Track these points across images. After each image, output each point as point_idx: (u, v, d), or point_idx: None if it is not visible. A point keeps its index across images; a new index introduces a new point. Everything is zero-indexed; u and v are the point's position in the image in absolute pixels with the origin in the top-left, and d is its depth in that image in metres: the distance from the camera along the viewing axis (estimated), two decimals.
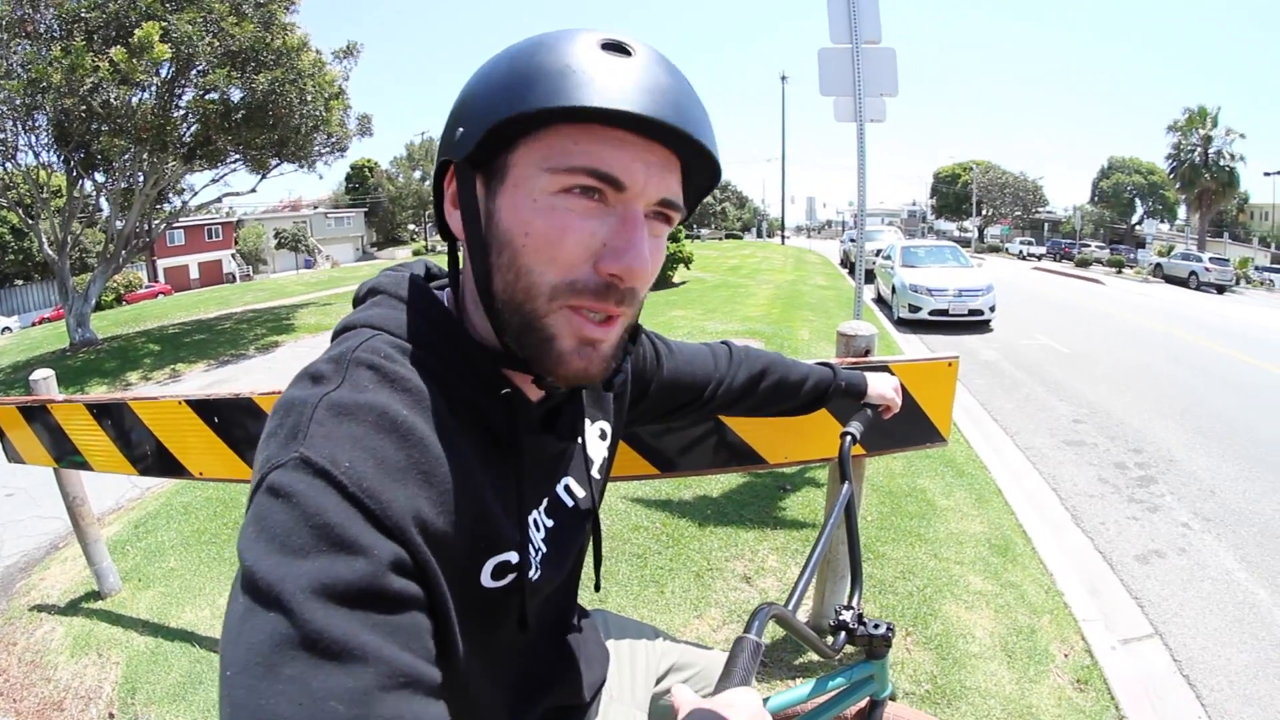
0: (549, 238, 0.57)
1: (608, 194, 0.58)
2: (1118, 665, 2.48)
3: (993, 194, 53.97)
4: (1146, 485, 4.47)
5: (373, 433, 0.53)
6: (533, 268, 0.59)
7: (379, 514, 0.50)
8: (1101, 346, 9.65)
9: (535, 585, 0.71)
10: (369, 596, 0.46)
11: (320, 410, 0.54)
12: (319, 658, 0.42)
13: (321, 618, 0.43)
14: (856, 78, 3.93)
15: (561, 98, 0.54)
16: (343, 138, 13.12)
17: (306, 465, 0.50)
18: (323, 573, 0.45)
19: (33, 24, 9.55)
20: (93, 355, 11.54)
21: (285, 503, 0.48)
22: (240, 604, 0.46)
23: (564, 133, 0.56)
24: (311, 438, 0.52)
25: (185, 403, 2.36)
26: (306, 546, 0.46)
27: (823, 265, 23.69)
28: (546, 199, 0.57)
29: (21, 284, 34.25)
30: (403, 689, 0.44)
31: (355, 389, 0.56)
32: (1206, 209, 37.26)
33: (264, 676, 0.42)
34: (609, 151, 0.57)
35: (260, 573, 0.45)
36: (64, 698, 2.59)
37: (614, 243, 0.58)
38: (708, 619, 2.72)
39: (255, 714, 0.41)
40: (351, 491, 0.49)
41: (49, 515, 4.42)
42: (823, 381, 1.27)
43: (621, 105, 0.54)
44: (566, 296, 0.59)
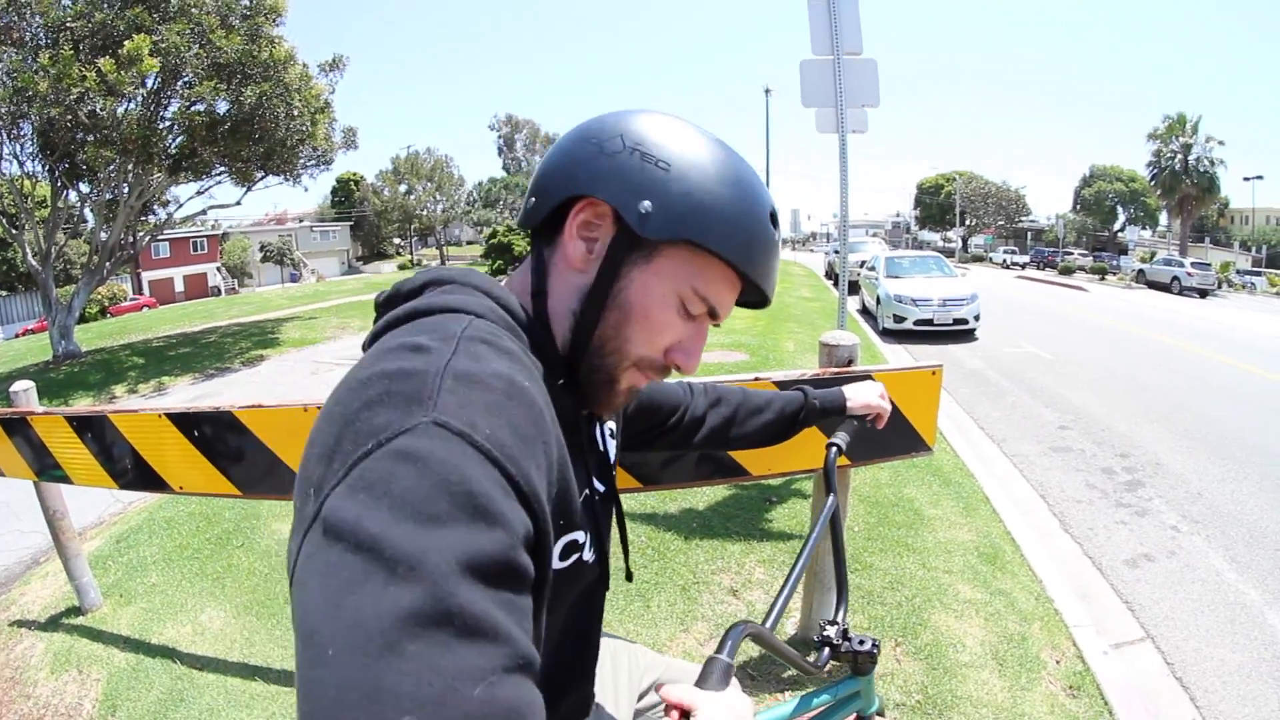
0: (655, 326, 0.70)
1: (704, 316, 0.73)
2: (1110, 670, 2.48)
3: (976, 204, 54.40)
4: (1134, 489, 4.49)
5: (505, 400, 0.53)
6: (633, 339, 0.70)
7: (520, 482, 0.49)
8: (1086, 352, 9.72)
9: (587, 569, 0.76)
10: (506, 573, 0.44)
11: (447, 379, 0.51)
12: (453, 635, 0.40)
13: (464, 594, 0.41)
14: (838, 89, 3.95)
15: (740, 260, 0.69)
16: (328, 151, 13.08)
17: (443, 429, 0.47)
18: (467, 544, 0.43)
19: (19, 31, 9.49)
20: (76, 368, 11.41)
21: (419, 467, 0.45)
22: (346, 573, 0.42)
23: (717, 267, 0.70)
24: (443, 404, 0.49)
25: (165, 416, 2.33)
26: (445, 515, 0.43)
27: (808, 277, 23.75)
28: (673, 299, 0.70)
29: (5, 295, 33.89)
30: (521, 671, 0.42)
31: (475, 359, 0.55)
32: (1188, 215, 37.76)
33: (383, 654, 0.38)
34: (727, 296, 0.73)
35: (388, 539, 0.42)
36: (44, 715, 2.55)
37: (686, 346, 0.73)
38: (694, 633, 2.70)
39: (373, 695, 0.37)
40: (495, 457, 0.48)
41: (30, 529, 4.35)
42: (791, 404, 1.24)
43: (764, 285, 0.74)
44: (641, 367, 0.72)
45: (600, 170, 0.67)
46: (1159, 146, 37.57)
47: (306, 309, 20.35)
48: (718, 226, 0.67)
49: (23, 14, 9.45)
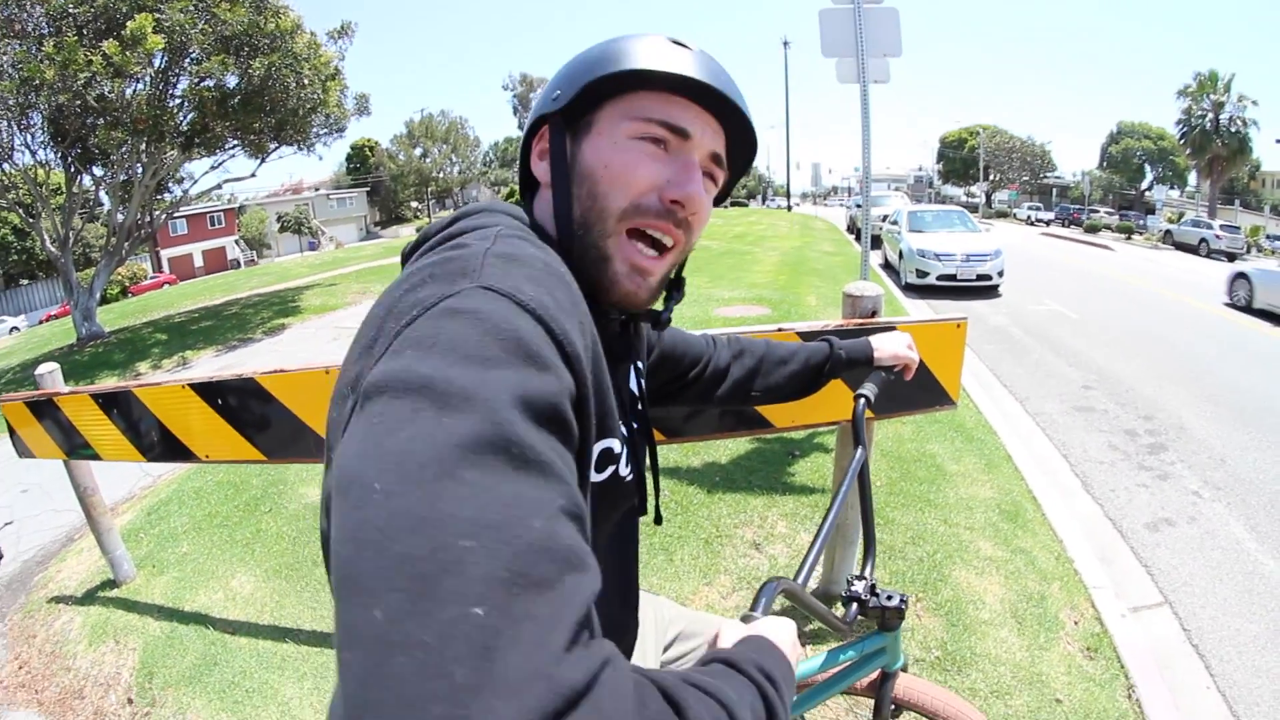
0: (623, 170, 0.70)
1: (671, 143, 0.71)
2: (1127, 633, 2.48)
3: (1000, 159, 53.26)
4: (1157, 453, 4.44)
5: (544, 275, 0.56)
6: (608, 194, 0.70)
7: (563, 340, 0.50)
8: (1111, 312, 9.56)
9: (625, 488, 0.76)
10: (556, 417, 0.44)
11: (490, 257, 0.54)
12: (513, 464, 0.39)
13: (521, 425, 0.40)
14: (859, 38, 3.87)
15: (644, 63, 0.69)
16: (341, 118, 13.01)
17: (490, 290, 0.49)
18: (522, 382, 0.42)
19: (21, 23, 9.47)
20: (101, 348, 11.57)
21: (469, 319, 0.45)
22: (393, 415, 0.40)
23: (646, 96, 0.71)
24: (487, 273, 0.51)
25: (189, 387, 2.36)
26: (498, 358, 0.43)
27: (829, 231, 23.48)
28: (625, 141, 0.70)
29: (27, 283, 34.38)
30: (575, 520, 0.41)
31: (514, 246, 0.59)
32: (1217, 176, 36.74)
33: (439, 479, 0.36)
34: (677, 110, 0.71)
35: (443, 379, 0.41)
36: (84, 685, 2.63)
37: (676, 178, 0.70)
38: (717, 586, 2.72)
39: (425, 520, 0.35)
40: (541, 315, 0.49)
41: (63, 508, 4.45)
42: (816, 355, 1.23)
43: (689, 73, 0.69)
44: (632, 217, 0.70)
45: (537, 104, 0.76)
46: (1189, 104, 36.45)
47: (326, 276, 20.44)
48: (609, 58, 0.70)
49: (23, 5, 9.42)
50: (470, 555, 0.34)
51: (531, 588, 0.35)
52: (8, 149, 10.58)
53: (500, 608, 0.34)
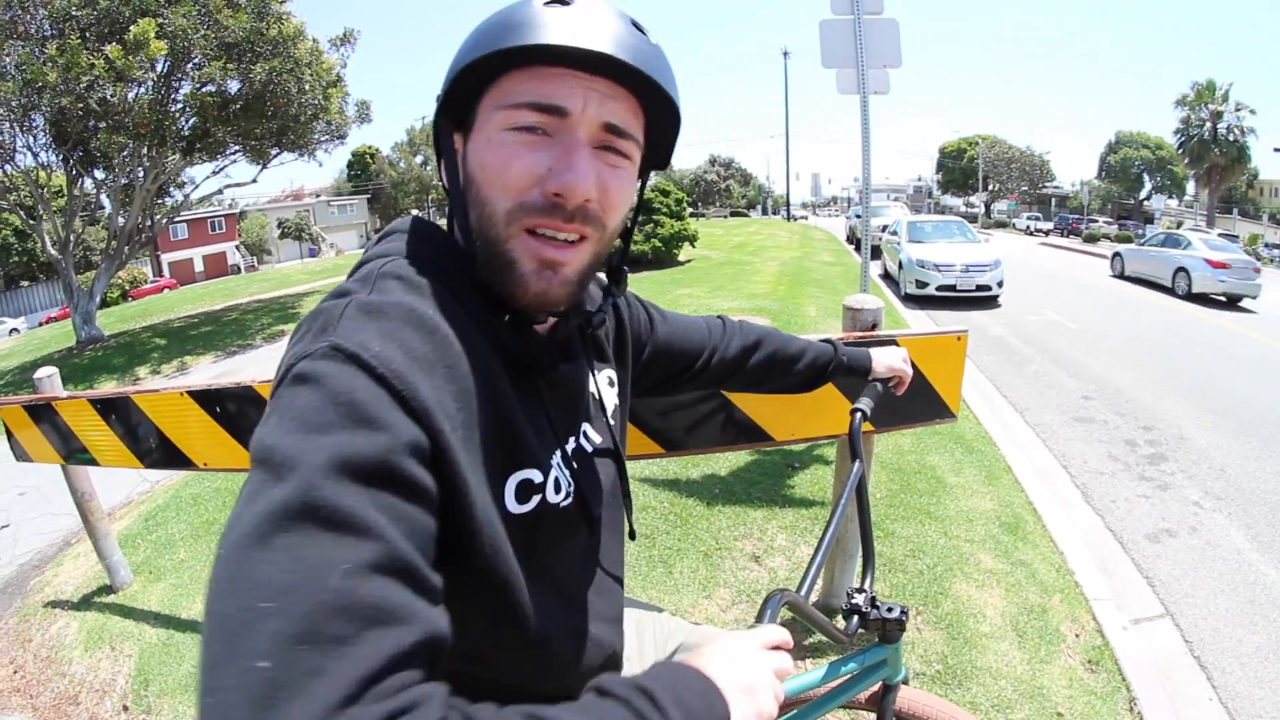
0: (498, 168, 0.64)
1: (551, 126, 0.63)
2: (1129, 646, 2.46)
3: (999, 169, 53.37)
4: (1157, 463, 4.43)
5: (402, 326, 0.55)
6: (490, 197, 0.65)
7: (406, 395, 0.50)
8: (1110, 322, 9.58)
9: (562, 514, 0.71)
10: (384, 475, 0.46)
11: (350, 309, 0.56)
12: (318, 527, 0.41)
13: (331, 487, 0.43)
14: (859, 49, 3.88)
15: (502, 42, 0.61)
16: (342, 125, 13.08)
17: (337, 351, 0.51)
18: (342, 445, 0.45)
19: (24, 25, 9.52)
20: (100, 352, 11.59)
21: (312, 385, 0.49)
22: (247, 490, 0.45)
23: (514, 77, 0.63)
24: (342, 329, 0.53)
25: (187, 394, 2.36)
26: (329, 423, 0.46)
27: (829, 241, 23.53)
28: (498, 135, 0.64)
29: (27, 285, 34.40)
30: (397, 575, 0.43)
31: (383, 294, 0.59)
32: (1216, 185, 36.85)
33: (252, 546, 0.41)
34: (549, 86, 0.63)
35: (277, 449, 0.45)
36: (79, 691, 2.62)
37: (556, 166, 0.63)
38: (717, 599, 2.71)
39: (238, 583, 0.40)
40: (380, 373, 0.50)
41: (60, 512, 4.44)
42: (822, 356, 1.24)
43: (560, 41, 0.60)
44: (520, 217, 0.64)
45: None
46: (1187, 113, 36.60)
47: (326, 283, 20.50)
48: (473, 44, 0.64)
49: (27, 7, 9.47)
50: (267, 615, 0.38)
51: (322, 644, 0.38)
52: (10, 151, 10.64)
53: (286, 663, 0.37)
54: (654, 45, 0.66)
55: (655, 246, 15.55)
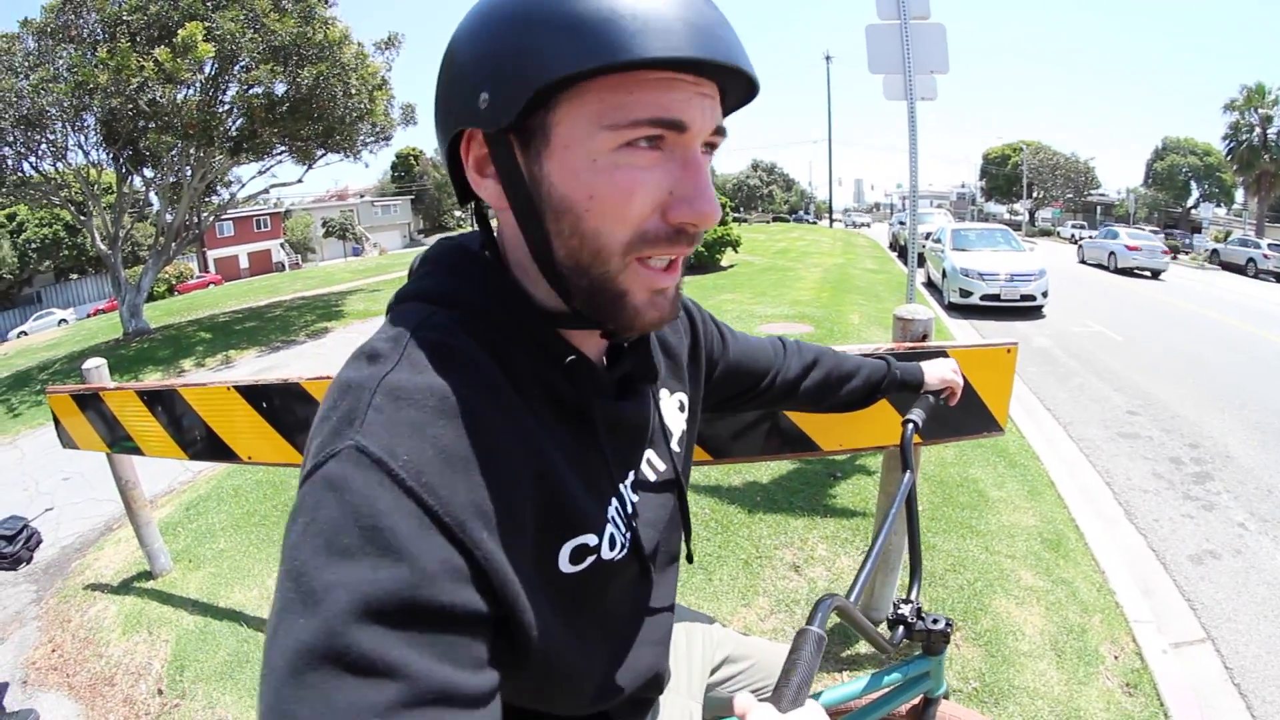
0: (616, 198, 0.55)
1: (667, 138, 0.55)
2: (1168, 670, 2.39)
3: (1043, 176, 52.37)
4: (1202, 482, 4.30)
5: (434, 418, 0.51)
6: (601, 230, 0.56)
7: (439, 510, 0.47)
8: (1156, 335, 9.32)
9: (616, 566, 0.68)
10: (410, 609, 0.44)
11: (379, 395, 0.51)
12: (344, 670, 0.42)
13: (354, 632, 0.42)
14: (906, 54, 3.83)
15: (615, 52, 0.50)
16: (387, 127, 13.26)
17: (363, 455, 0.48)
18: (365, 581, 0.44)
19: (76, 29, 9.86)
20: (146, 344, 11.90)
21: (337, 496, 0.47)
22: (280, 599, 0.46)
23: (613, 84, 0.52)
24: (369, 425, 0.49)
25: (234, 389, 2.40)
26: (353, 548, 0.45)
27: (871, 249, 23.33)
28: (608, 158, 0.54)
29: (76, 278, 35.56)
30: (431, 704, 0.43)
31: (414, 369, 0.53)
32: (1266, 192, 35.67)
33: (289, 681, 0.42)
34: (667, 97, 0.53)
35: (304, 573, 0.45)
36: (115, 673, 2.68)
37: (681, 190, 0.56)
38: (756, 608, 2.69)
39: (278, 714, 0.42)
40: (409, 485, 0.47)
41: (104, 498, 4.57)
42: (876, 374, 1.22)
43: (681, 52, 0.51)
44: (639, 249, 0.57)
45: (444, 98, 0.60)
46: (1236, 118, 35.50)
47: (369, 281, 20.85)
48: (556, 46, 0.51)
49: (79, 12, 9.80)
50: None
51: None
52: (62, 149, 10.99)
53: None
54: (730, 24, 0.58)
55: (698, 251, 15.53)
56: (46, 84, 9.44)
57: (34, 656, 2.91)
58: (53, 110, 9.80)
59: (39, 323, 28.52)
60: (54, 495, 5.02)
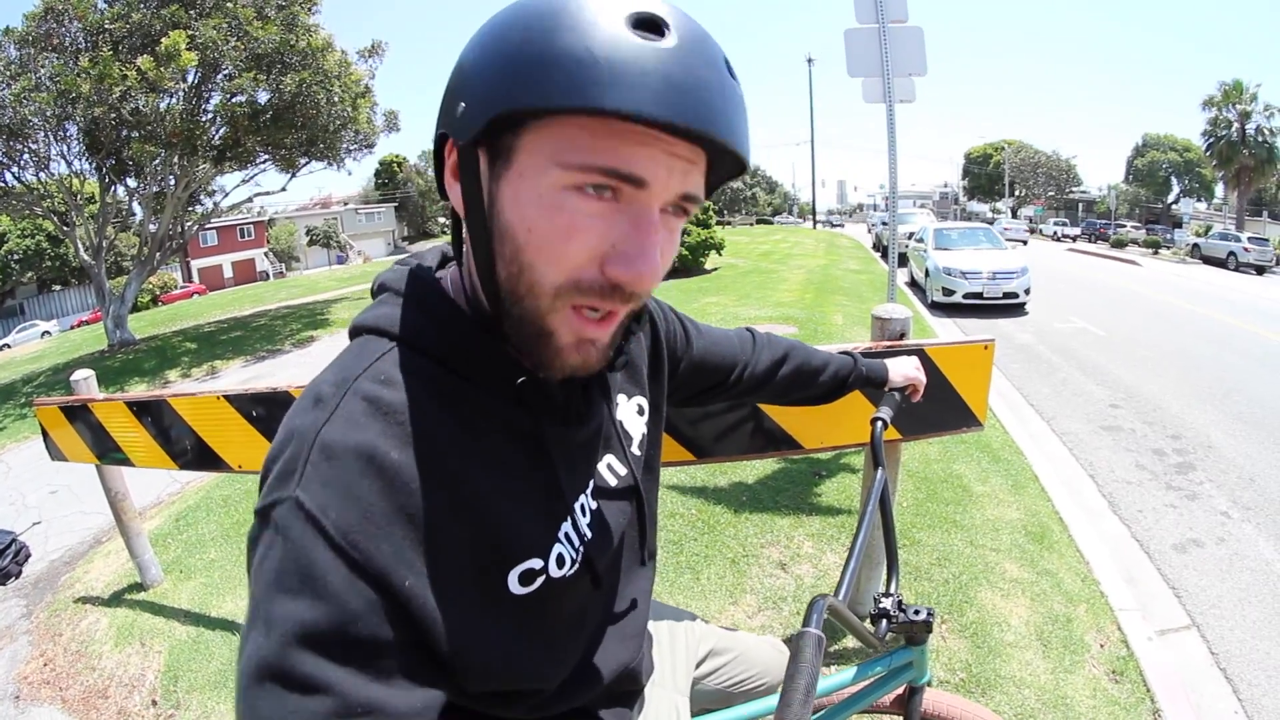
0: (552, 238, 0.54)
1: (623, 191, 0.53)
2: (1154, 657, 2.43)
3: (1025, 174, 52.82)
4: (1185, 472, 4.36)
5: (359, 479, 0.54)
6: (535, 265, 0.55)
7: (362, 563, 0.52)
8: (1138, 329, 9.44)
9: (567, 582, 0.68)
10: (341, 640, 0.50)
11: (314, 451, 0.55)
12: (289, 687, 0.49)
13: (295, 656, 0.49)
14: (884, 58, 3.86)
15: (582, 97, 0.48)
16: (370, 134, 13.24)
17: (300, 510, 0.52)
18: (303, 616, 0.50)
19: (58, 38, 9.78)
20: (131, 355, 11.81)
21: (284, 542, 0.52)
22: (249, 614, 0.53)
23: (581, 124, 0.51)
24: (306, 480, 0.54)
25: (224, 398, 2.40)
26: (295, 588, 0.51)
27: (854, 249, 23.44)
28: (554, 195, 0.53)
29: (59, 289, 35.19)
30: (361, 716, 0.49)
31: (348, 424, 0.56)
32: (1245, 187, 36.09)
33: (251, 686, 0.49)
34: (629, 149, 0.52)
35: (257, 601, 0.52)
36: (108, 685, 2.67)
37: (624, 246, 0.54)
38: (743, 605, 2.72)
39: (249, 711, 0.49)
40: (337, 542, 0.51)
41: (92, 510, 4.55)
42: (843, 369, 1.25)
43: (653, 112, 0.49)
44: (570, 296, 0.56)
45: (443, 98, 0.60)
46: (1215, 114, 35.88)
47: (354, 290, 20.77)
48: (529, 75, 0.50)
49: (61, 20, 9.72)
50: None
51: None
52: (44, 159, 10.89)
53: None
54: (738, 94, 0.56)
55: (681, 255, 15.60)
56: (28, 93, 9.34)
57: (25, 671, 2.89)
58: (35, 120, 9.70)
59: (22, 335, 28.17)
60: (41, 509, 4.98)
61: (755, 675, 1.12)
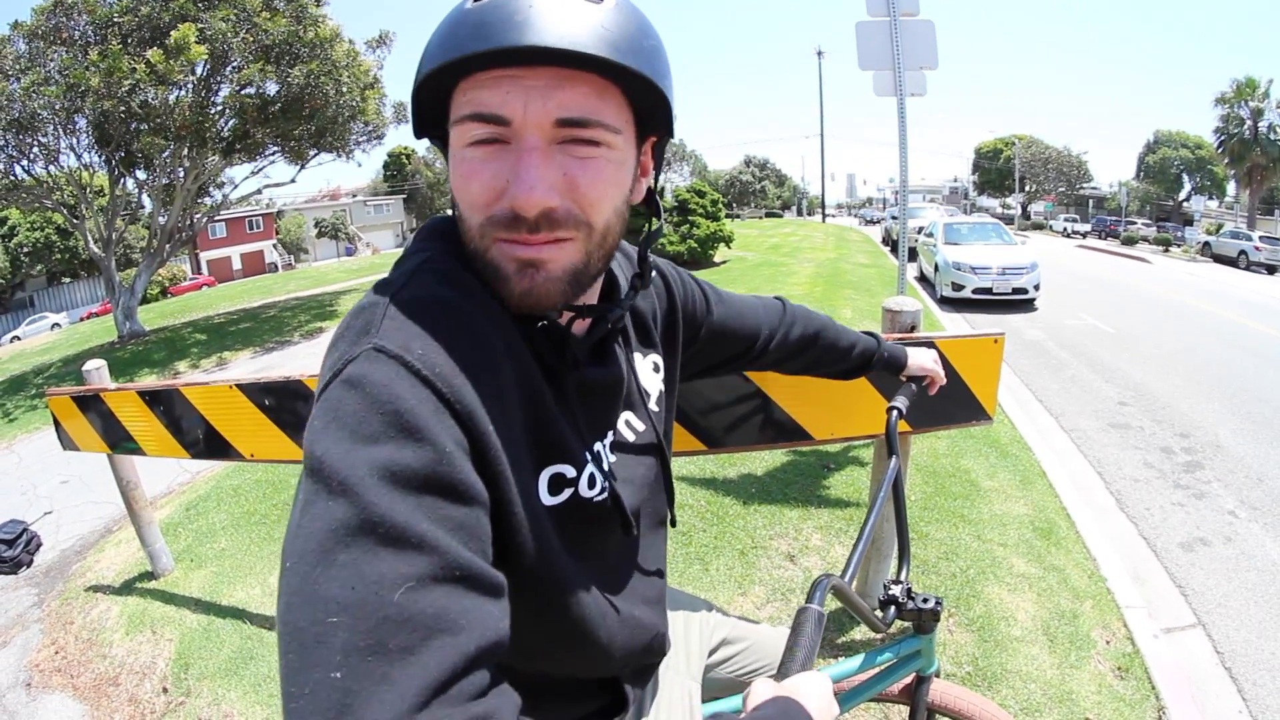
0: (463, 186, 0.62)
1: (503, 133, 0.60)
2: (1159, 654, 2.43)
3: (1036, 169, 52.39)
4: (1193, 471, 4.35)
5: (444, 324, 0.56)
6: (464, 214, 0.64)
7: (451, 398, 0.51)
8: (1148, 327, 9.38)
9: (595, 509, 0.71)
10: (434, 485, 0.47)
11: (392, 307, 0.56)
12: (377, 543, 0.44)
13: (385, 503, 0.45)
14: (895, 51, 3.86)
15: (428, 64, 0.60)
16: (379, 126, 13.26)
17: (381, 353, 0.52)
18: (390, 459, 0.46)
19: (67, 31, 9.80)
20: (141, 346, 11.88)
21: (358, 391, 0.50)
22: (303, 495, 0.48)
23: (461, 89, 0.61)
24: (384, 330, 0.54)
25: (236, 387, 2.42)
26: (376, 433, 0.48)
27: (864, 243, 23.37)
28: (459, 154, 0.62)
29: (69, 281, 35.35)
30: (457, 582, 0.46)
31: (423, 287, 0.60)
32: (1257, 185, 35.78)
33: (318, 563, 0.43)
34: (486, 92, 0.59)
35: (328, 460, 0.47)
36: (119, 673, 2.70)
37: (510, 176, 0.60)
38: (752, 596, 2.73)
39: (308, 598, 0.43)
40: (425, 375, 0.51)
41: (103, 500, 4.58)
42: (868, 349, 1.27)
43: (463, 51, 0.57)
44: (492, 231, 0.62)
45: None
46: (1227, 111, 35.55)
47: (363, 281, 20.82)
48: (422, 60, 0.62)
49: (70, 14, 9.75)
50: (336, 629, 0.42)
51: (388, 655, 0.41)
52: (54, 152, 10.93)
53: (357, 672, 0.41)
54: (610, 10, 0.59)
55: (691, 248, 15.57)
56: (38, 87, 9.39)
57: (37, 659, 2.93)
58: (44, 113, 9.75)
59: (32, 327, 28.35)
60: (53, 499, 5.02)
61: (766, 665, 1.12)
